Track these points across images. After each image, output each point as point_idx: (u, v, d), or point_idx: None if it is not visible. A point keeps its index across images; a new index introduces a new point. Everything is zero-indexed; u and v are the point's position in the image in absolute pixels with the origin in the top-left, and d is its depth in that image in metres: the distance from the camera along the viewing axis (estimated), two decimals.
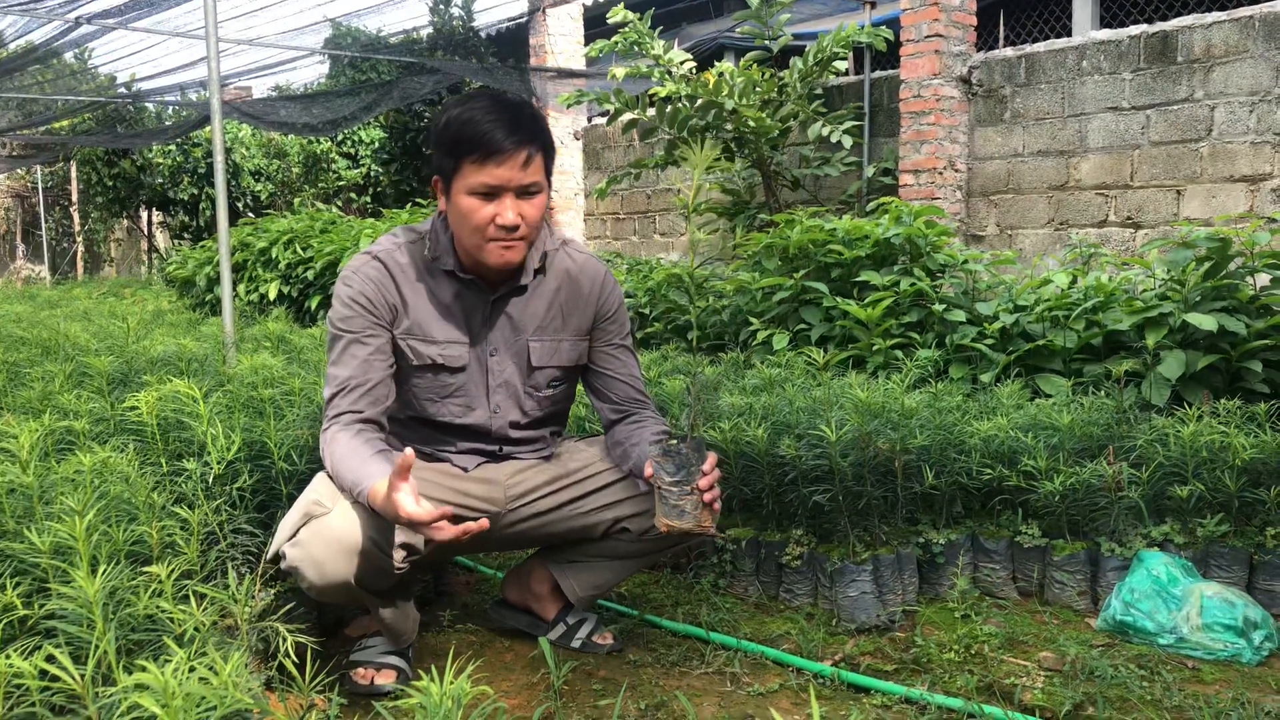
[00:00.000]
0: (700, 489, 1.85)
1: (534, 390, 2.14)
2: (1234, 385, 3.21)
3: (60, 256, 20.17)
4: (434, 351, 2.03)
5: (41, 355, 3.33)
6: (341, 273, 2.05)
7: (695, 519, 1.85)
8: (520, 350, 2.10)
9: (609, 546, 2.20)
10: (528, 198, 1.93)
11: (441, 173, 1.96)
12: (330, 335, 2.02)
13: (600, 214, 10.00)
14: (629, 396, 2.21)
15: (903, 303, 4.01)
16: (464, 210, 1.91)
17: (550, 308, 2.11)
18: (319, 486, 1.90)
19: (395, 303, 2.01)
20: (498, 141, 1.85)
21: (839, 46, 6.67)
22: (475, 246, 1.95)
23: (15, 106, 12.75)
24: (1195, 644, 2.12)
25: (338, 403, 1.95)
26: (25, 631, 1.42)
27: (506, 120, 1.87)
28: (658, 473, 1.87)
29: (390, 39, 10.59)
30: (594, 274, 2.16)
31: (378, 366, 1.99)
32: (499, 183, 1.88)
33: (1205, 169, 5.65)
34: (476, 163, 1.87)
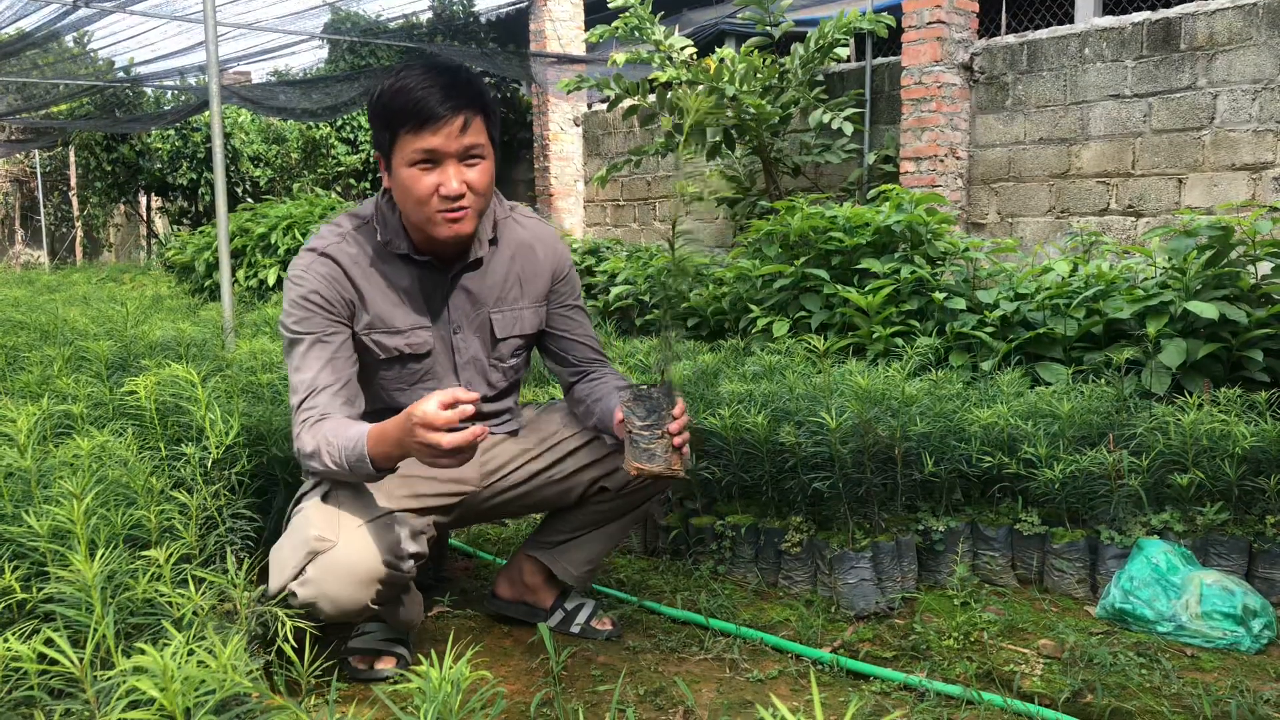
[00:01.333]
0: (671, 432, 1.84)
1: (499, 362, 2.12)
2: (1234, 374, 3.21)
3: (59, 241, 20.14)
4: (399, 342, 1.98)
5: (40, 339, 3.33)
6: (289, 273, 1.94)
7: (666, 462, 1.85)
8: (482, 324, 2.07)
9: (590, 512, 2.19)
10: (471, 164, 1.85)
11: (381, 147, 1.89)
12: (287, 340, 1.92)
13: (600, 201, 9.97)
14: (586, 356, 2.20)
15: (903, 290, 4.00)
16: (406, 183, 1.84)
17: (507, 278, 2.07)
18: (313, 518, 1.80)
19: (351, 298, 1.93)
20: (431, 107, 1.78)
21: (840, 33, 6.64)
22: (422, 221, 1.87)
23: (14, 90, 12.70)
24: (1194, 632, 2.12)
25: (308, 406, 1.85)
26: (24, 615, 1.42)
27: (440, 85, 1.80)
28: (628, 417, 1.86)
29: (390, 24, 10.54)
30: (545, 238, 2.14)
31: (343, 366, 1.91)
32: (437, 150, 1.80)
33: (1207, 157, 5.63)
34: (412, 131, 1.80)
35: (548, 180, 10.10)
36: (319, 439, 1.79)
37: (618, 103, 7.14)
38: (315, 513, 1.81)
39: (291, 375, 1.90)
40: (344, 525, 1.80)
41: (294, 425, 1.86)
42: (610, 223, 9.87)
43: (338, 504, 1.84)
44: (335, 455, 1.76)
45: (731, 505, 2.65)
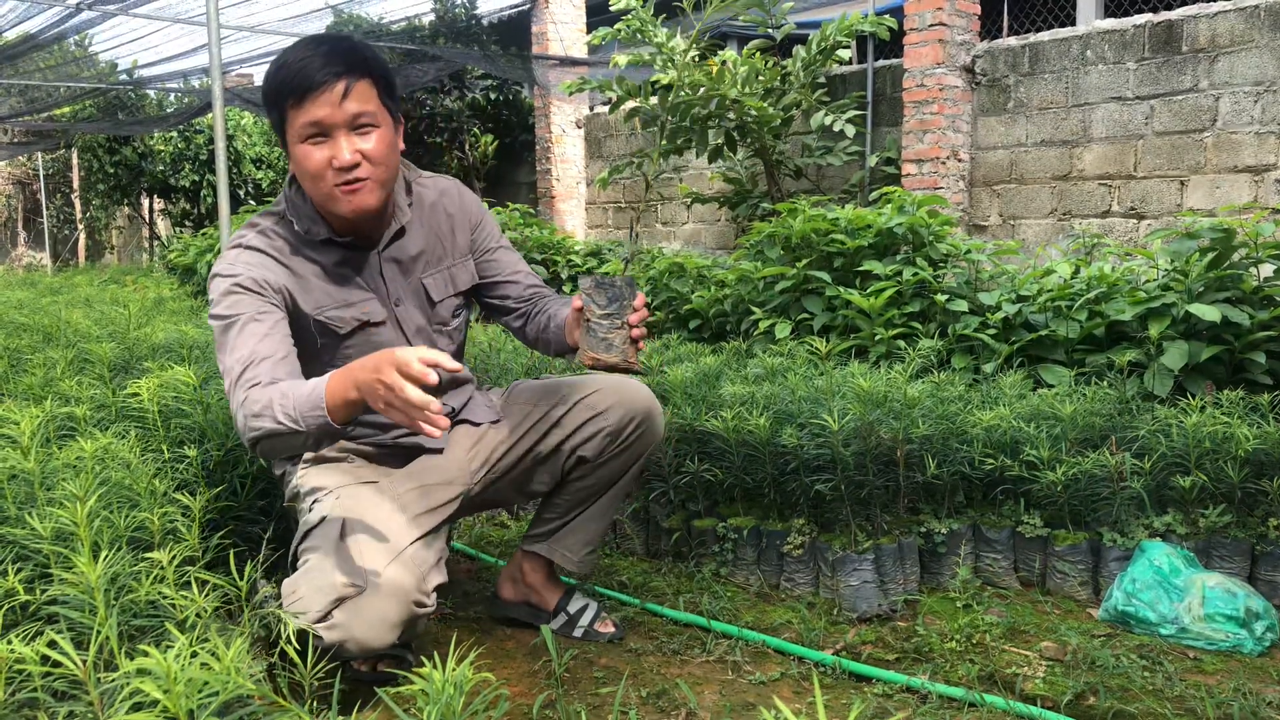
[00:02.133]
0: (630, 324, 1.83)
1: (443, 326, 2.10)
2: (1237, 376, 3.20)
3: (62, 244, 20.16)
4: (355, 313, 1.94)
5: (43, 342, 3.33)
6: (212, 270, 1.86)
7: (622, 353, 1.83)
8: (417, 290, 2.04)
9: (574, 489, 2.19)
10: (363, 133, 1.80)
11: (275, 129, 1.85)
12: (219, 329, 1.79)
13: (602, 203, 9.98)
14: (528, 292, 2.18)
15: (905, 292, 4.00)
16: (300, 160, 1.79)
17: (428, 240, 2.05)
18: (337, 561, 1.73)
19: (285, 285, 1.86)
20: (309, 75, 1.74)
21: (842, 35, 6.65)
22: (324, 197, 1.82)
23: (17, 93, 12.72)
24: (1197, 634, 2.12)
25: (250, 376, 1.71)
26: (27, 617, 1.42)
27: (319, 54, 1.76)
28: (588, 304, 1.83)
29: (392, 26, 10.55)
30: (450, 190, 2.12)
31: (281, 341, 1.78)
32: (322, 119, 1.76)
33: (1209, 159, 5.63)
34: (296, 104, 1.76)
35: (550, 182, 10.10)
36: (270, 395, 1.67)
37: (619, 105, 7.14)
38: (337, 555, 1.75)
39: (225, 358, 1.76)
40: (370, 568, 1.73)
41: (234, 396, 1.71)
42: (612, 225, 9.88)
43: (358, 544, 1.77)
44: (287, 408, 1.64)
45: (734, 507, 2.65)
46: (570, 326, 1.98)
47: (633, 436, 2.15)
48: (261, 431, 1.67)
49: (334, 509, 1.84)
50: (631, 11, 6.94)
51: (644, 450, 2.19)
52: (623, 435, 2.14)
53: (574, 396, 2.15)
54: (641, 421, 2.15)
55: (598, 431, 2.12)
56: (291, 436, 1.66)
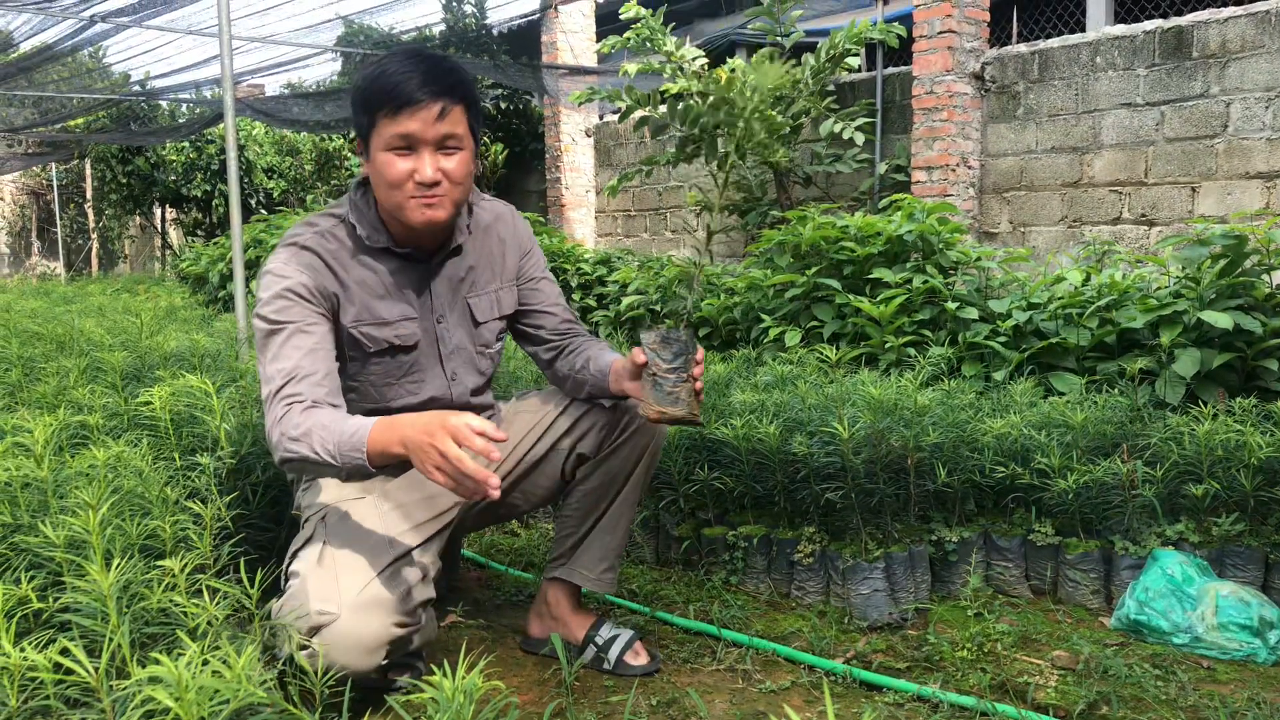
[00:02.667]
0: (694, 376, 1.84)
1: (485, 348, 2.11)
2: (1249, 383, 3.19)
3: (75, 253, 20.29)
4: (388, 334, 1.95)
5: (56, 350, 3.35)
6: (265, 267, 1.88)
7: (688, 406, 1.84)
8: (462, 310, 2.05)
9: (580, 495, 2.16)
10: (448, 153, 1.84)
11: (360, 132, 1.87)
12: (264, 331, 1.82)
13: (612, 211, 10.00)
14: (563, 326, 2.18)
15: (915, 300, 3.99)
16: (381, 167, 1.82)
17: (478, 262, 2.07)
18: (310, 586, 1.69)
19: (335, 291, 1.88)
20: (410, 92, 1.77)
21: (851, 43, 6.65)
22: (396, 206, 1.85)
23: (31, 104, 12.82)
24: (1210, 643, 2.11)
25: (291, 392, 1.75)
26: (40, 624, 1.42)
27: (421, 71, 1.79)
28: (653, 359, 1.84)
29: (403, 36, 10.60)
30: (504, 215, 2.14)
31: (325, 358, 1.82)
32: (414, 134, 1.79)
33: (1221, 166, 5.61)
34: (390, 115, 1.79)
35: (559, 191, 10.13)
36: (310, 423, 1.69)
37: (629, 114, 7.16)
38: (312, 580, 1.70)
39: (266, 365, 1.79)
40: (344, 593, 1.69)
41: (272, 409, 1.74)
42: (622, 233, 9.89)
43: (335, 565, 1.73)
44: (326, 442, 1.66)
45: (744, 516, 2.65)
46: (619, 375, 1.98)
47: (633, 426, 2.11)
48: (296, 456, 1.71)
49: (317, 531, 1.83)
50: (641, 20, 6.96)
51: (645, 443, 2.13)
52: (620, 425, 2.11)
53: (565, 401, 2.15)
54: (637, 414, 2.11)
55: (591, 426, 2.10)
56: (324, 467, 1.70)
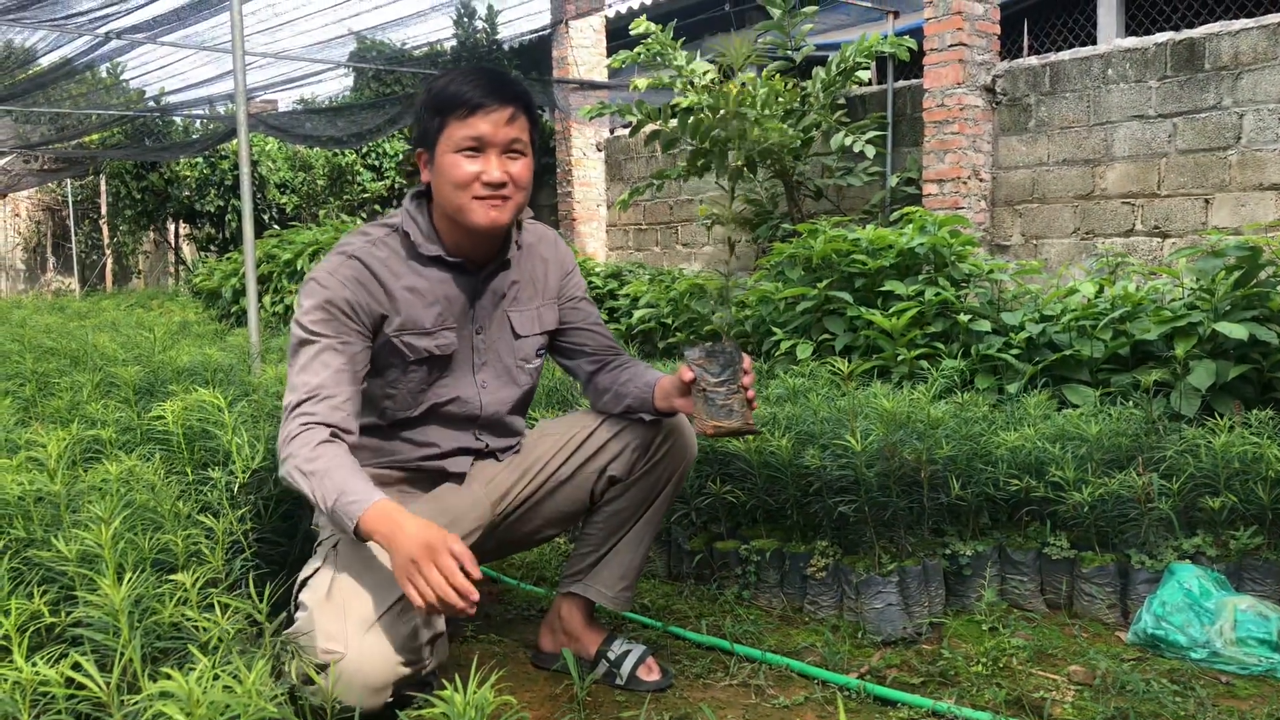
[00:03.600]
0: (745, 386, 1.87)
1: (524, 362, 2.11)
2: (1265, 395, 3.17)
3: (89, 269, 20.41)
4: (429, 343, 1.97)
5: (70, 365, 3.37)
6: (312, 273, 1.91)
7: (742, 416, 1.86)
8: (502, 323, 2.07)
9: (607, 515, 2.14)
10: (513, 157, 1.89)
11: (426, 138, 1.92)
12: (297, 339, 1.86)
13: (623, 225, 10.01)
14: (603, 346, 2.20)
15: (927, 313, 3.98)
16: (448, 169, 1.87)
17: (523, 278, 2.09)
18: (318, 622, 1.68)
19: (381, 301, 1.91)
20: (482, 96, 1.85)
21: (862, 56, 6.66)
22: (460, 208, 1.88)
23: (47, 121, 12.93)
24: (1229, 658, 2.08)
25: (308, 411, 1.79)
26: (53, 639, 1.43)
27: (490, 78, 1.88)
28: (701, 375, 1.87)
29: (414, 52, 10.65)
30: (548, 237, 2.17)
31: (351, 381, 1.86)
32: (484, 136, 1.85)
33: (1234, 177, 5.59)
34: (461, 118, 1.85)
35: (571, 205, 10.15)
36: (318, 464, 1.72)
37: (640, 128, 7.17)
38: (320, 615, 1.68)
39: (294, 374, 1.84)
40: (351, 630, 1.67)
41: (288, 422, 1.79)
42: (633, 246, 9.91)
43: (343, 600, 1.71)
44: (326, 491, 1.68)
45: (756, 529, 2.64)
46: (667, 393, 2.00)
47: (664, 448, 2.11)
48: (294, 487, 1.74)
49: (328, 559, 1.81)
50: (651, 35, 6.98)
51: (676, 466, 2.14)
52: (652, 447, 2.10)
53: (596, 420, 2.14)
54: (670, 433, 2.12)
55: (625, 447, 2.09)
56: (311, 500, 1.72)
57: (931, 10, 6.46)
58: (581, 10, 10.06)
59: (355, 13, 10.02)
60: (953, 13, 6.34)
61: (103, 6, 7.13)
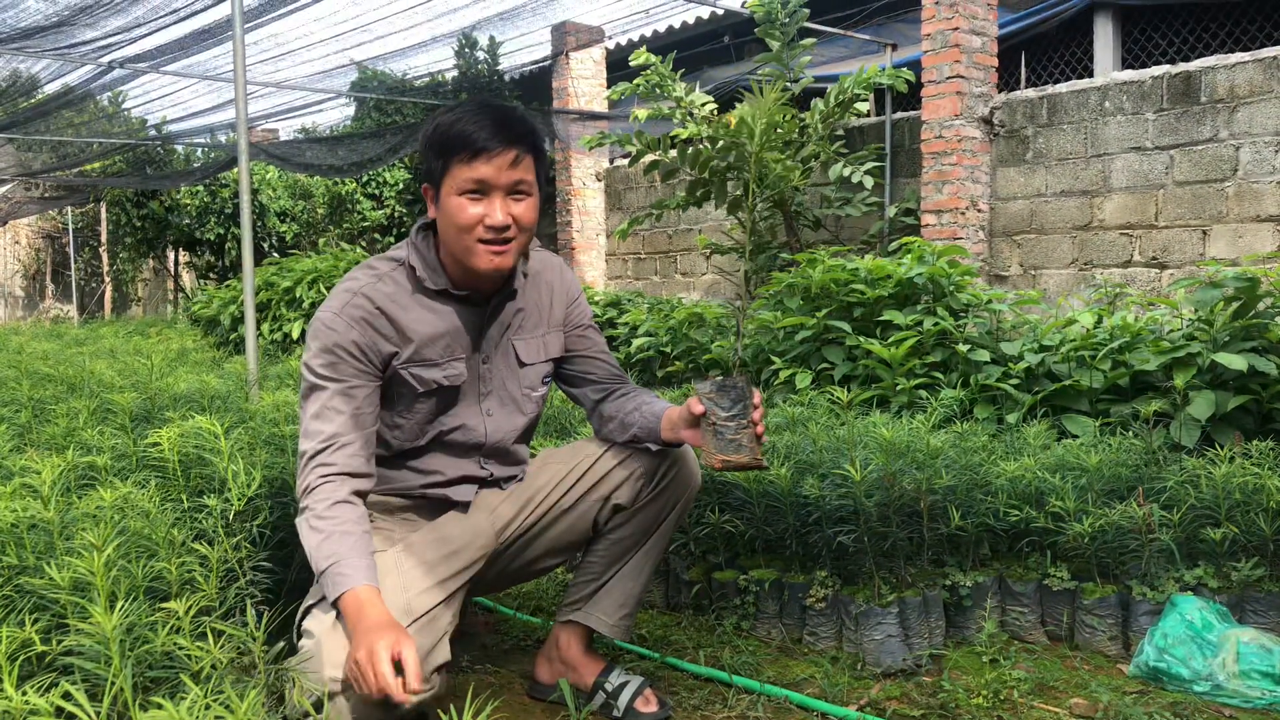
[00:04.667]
0: (754, 421, 1.86)
1: (530, 390, 2.10)
2: (1265, 426, 3.16)
3: (88, 296, 20.44)
4: (437, 375, 1.96)
5: (67, 392, 3.36)
6: (319, 314, 1.91)
7: (751, 452, 1.86)
8: (507, 351, 2.06)
9: (609, 543, 2.13)
10: (518, 199, 1.88)
11: (430, 176, 1.91)
12: (308, 384, 1.87)
13: (622, 254, 10.04)
14: (608, 374, 2.19)
15: (926, 342, 3.98)
16: (452, 211, 1.86)
17: (529, 306, 2.09)
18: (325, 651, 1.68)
19: (390, 338, 1.91)
20: (485, 139, 1.83)
21: (860, 88, 6.70)
22: (464, 250, 1.88)
23: (49, 149, 12.98)
24: (1232, 692, 2.06)
25: (325, 459, 1.82)
26: (43, 667, 1.41)
27: (494, 119, 1.85)
28: (711, 409, 1.87)
29: (416, 82, 10.72)
30: (553, 264, 2.16)
31: (365, 422, 1.88)
32: (488, 179, 1.84)
33: (1231, 209, 5.61)
34: (465, 161, 1.83)
35: (570, 234, 10.18)
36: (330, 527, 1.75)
37: (639, 158, 7.21)
38: (328, 643, 1.68)
39: (308, 420, 1.86)
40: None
41: (306, 474, 1.82)
42: (631, 275, 9.92)
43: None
44: (322, 553, 1.71)
45: (755, 559, 2.62)
46: (674, 424, 2.00)
47: (669, 476, 2.10)
48: (300, 532, 1.78)
49: None
50: (651, 67, 7.03)
51: (680, 494, 2.13)
52: (657, 475, 2.10)
53: (600, 449, 2.13)
54: (675, 462, 2.11)
55: (630, 475, 2.08)
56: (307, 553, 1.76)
57: (929, 43, 6.51)
58: (582, 42, 10.15)
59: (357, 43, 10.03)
60: (950, 45, 6.40)
61: (106, 36, 7.19)
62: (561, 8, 9.66)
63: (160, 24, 7.01)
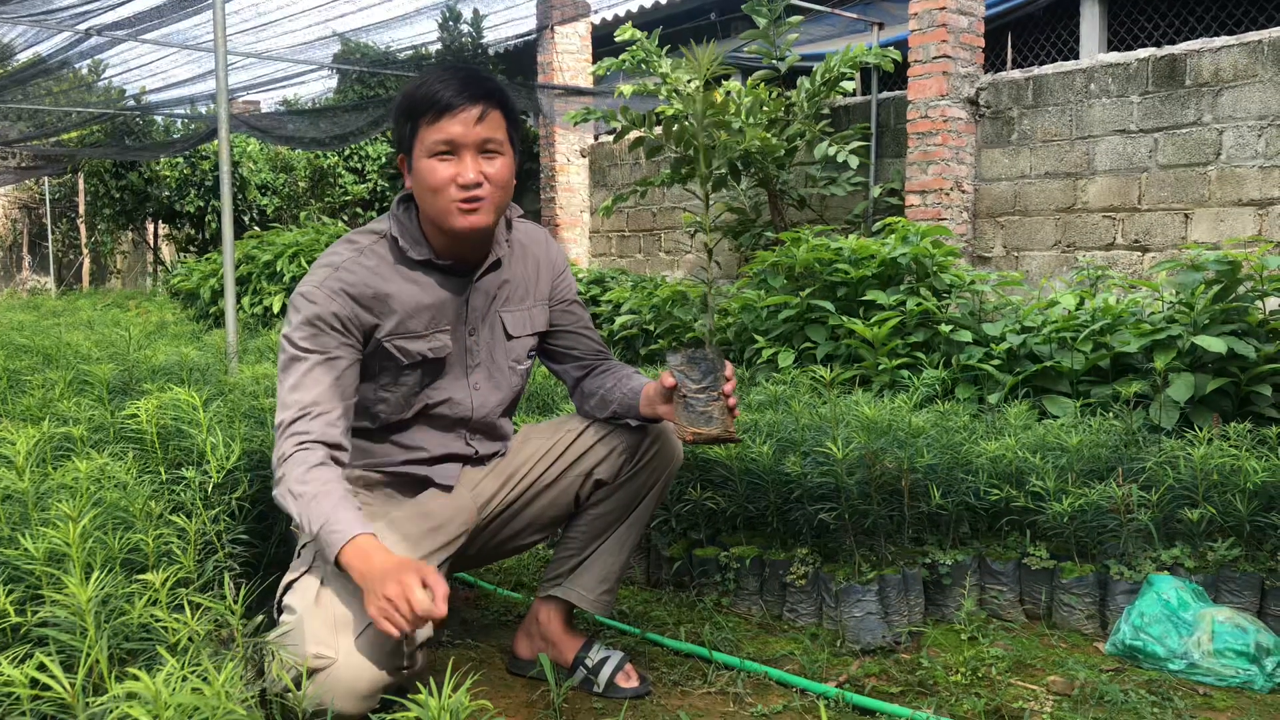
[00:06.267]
0: (725, 394, 1.86)
1: (516, 363, 2.09)
2: (1244, 409, 3.18)
3: (66, 268, 20.23)
4: (422, 346, 1.95)
5: (43, 363, 3.32)
6: (299, 287, 1.89)
7: (722, 424, 1.86)
8: (494, 324, 2.05)
9: (591, 518, 2.13)
10: (489, 157, 1.86)
11: (402, 143, 1.91)
12: (287, 355, 1.86)
13: (606, 231, 10.00)
14: (592, 350, 2.19)
15: (909, 322, 3.99)
16: (424, 174, 1.85)
17: (515, 277, 2.07)
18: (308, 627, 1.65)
19: (371, 310, 1.89)
20: (450, 97, 1.82)
21: (846, 67, 6.68)
22: (439, 213, 1.87)
23: (26, 118, 12.81)
24: (1207, 670, 2.08)
25: (300, 426, 1.79)
26: (18, 639, 1.39)
27: (459, 78, 1.85)
28: (682, 381, 1.87)
29: (399, 55, 10.62)
30: (538, 237, 2.15)
31: (344, 391, 1.86)
32: (455, 138, 1.82)
33: (1214, 193, 5.64)
34: (431, 121, 1.83)
35: (554, 211, 10.14)
36: (309, 487, 1.72)
37: (624, 134, 7.17)
38: (310, 620, 1.66)
39: (286, 392, 1.83)
40: (342, 636, 1.66)
41: (282, 442, 1.79)
42: (615, 253, 9.90)
43: (332, 606, 1.70)
44: (311, 516, 1.69)
45: (736, 536, 2.62)
46: (651, 400, 1.99)
47: (651, 452, 2.11)
48: (283, 505, 1.75)
49: (313, 565, 1.79)
50: (636, 43, 6.99)
51: (662, 469, 2.14)
52: (639, 451, 2.10)
53: (582, 424, 2.13)
54: (657, 438, 2.11)
55: (612, 450, 2.08)
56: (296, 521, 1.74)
57: (916, 22, 6.49)
58: (567, 16, 10.07)
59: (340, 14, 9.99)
60: (937, 25, 6.38)
61: (83, 2, 7.07)
62: None
63: None
